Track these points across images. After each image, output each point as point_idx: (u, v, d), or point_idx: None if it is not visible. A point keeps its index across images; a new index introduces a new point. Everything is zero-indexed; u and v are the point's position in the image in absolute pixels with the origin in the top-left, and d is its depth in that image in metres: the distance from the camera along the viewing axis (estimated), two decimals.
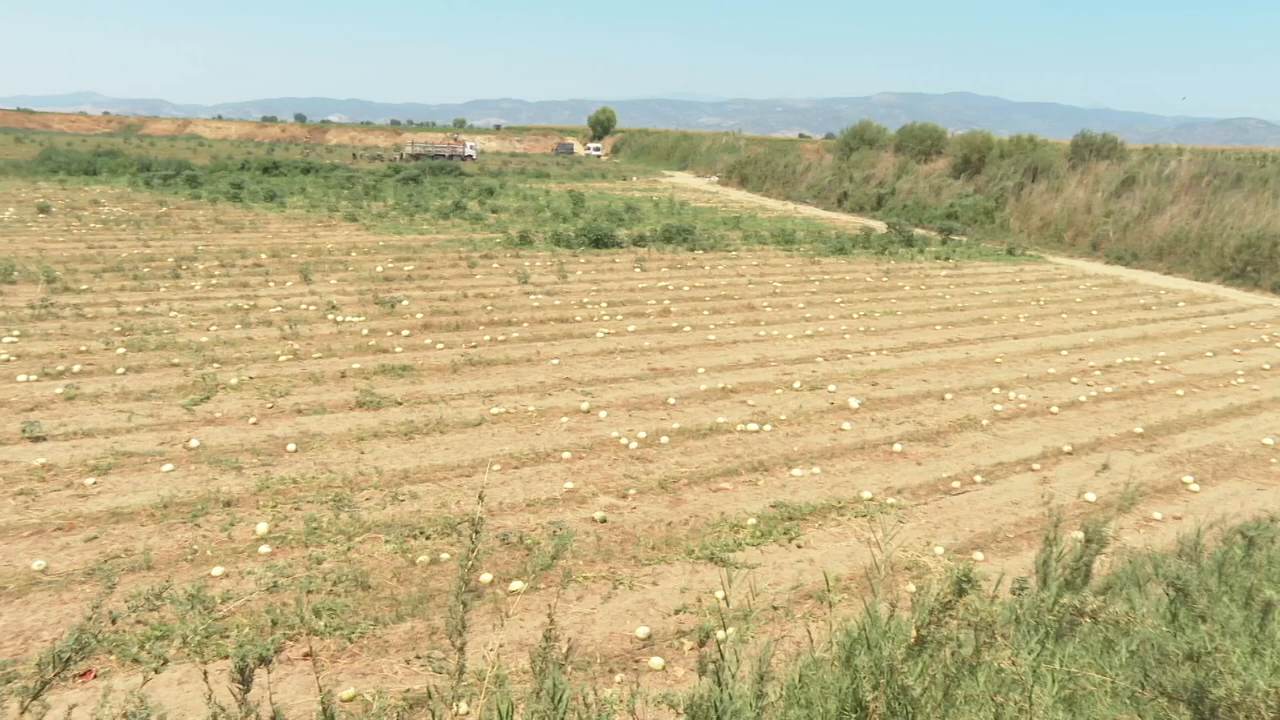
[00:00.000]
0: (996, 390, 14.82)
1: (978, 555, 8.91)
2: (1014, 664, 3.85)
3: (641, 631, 7.21)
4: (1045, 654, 4.60)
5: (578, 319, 18.56)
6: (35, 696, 2.70)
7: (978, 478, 11.00)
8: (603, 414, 12.60)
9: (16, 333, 15.50)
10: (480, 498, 3.90)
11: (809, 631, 6.88)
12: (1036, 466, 11.50)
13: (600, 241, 29.50)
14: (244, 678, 2.85)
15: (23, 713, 2.84)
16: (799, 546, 8.95)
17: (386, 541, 8.56)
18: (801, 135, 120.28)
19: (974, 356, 17.22)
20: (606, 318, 18.85)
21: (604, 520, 9.26)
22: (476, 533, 3.33)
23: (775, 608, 7.71)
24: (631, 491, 10.05)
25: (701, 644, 7.09)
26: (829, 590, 7.98)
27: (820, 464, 11.19)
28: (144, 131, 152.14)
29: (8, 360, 13.89)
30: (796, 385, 14.42)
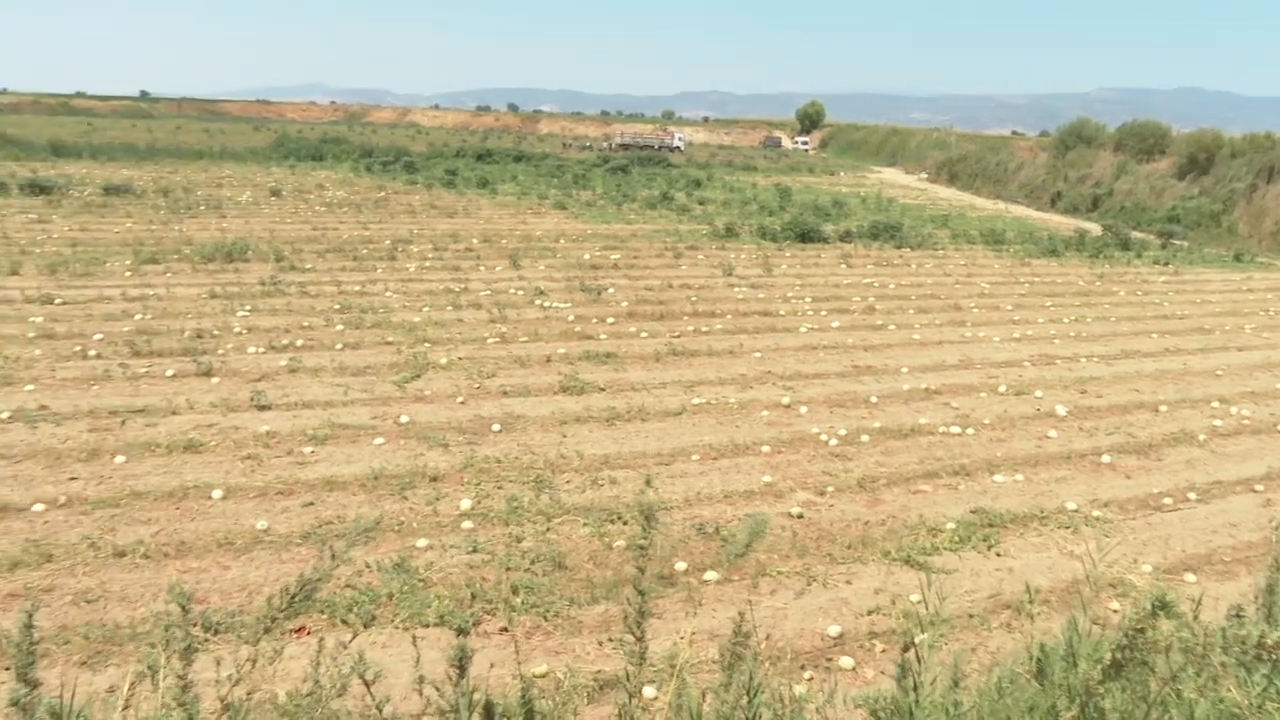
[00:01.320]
0: (1216, 404, 13.81)
1: (1189, 577, 8.29)
2: (1237, 695, 3.49)
3: (833, 630, 7.01)
4: (1272, 690, 4.17)
5: (781, 313, 18.34)
6: (266, 630, 2.75)
7: (1192, 495, 10.25)
8: (803, 409, 12.38)
9: (249, 308, 16.46)
10: (647, 483, 3.83)
11: (1006, 642, 6.54)
12: (1259, 488, 10.63)
13: (806, 236, 29.13)
14: (460, 664, 2.83)
15: (251, 660, 2.92)
16: (998, 554, 8.55)
17: (584, 525, 8.62)
18: (1014, 132, 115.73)
19: (1192, 368, 16.13)
20: (810, 313, 18.57)
21: (800, 516, 9.06)
22: (648, 520, 3.22)
23: (971, 616, 7.37)
24: (829, 489, 9.82)
25: (903, 649, 6.84)
26: (1029, 602, 7.57)
27: (1023, 471, 10.67)
28: (366, 120, 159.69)
29: (240, 333, 14.75)
30: (1002, 389, 13.83)
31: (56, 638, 6.45)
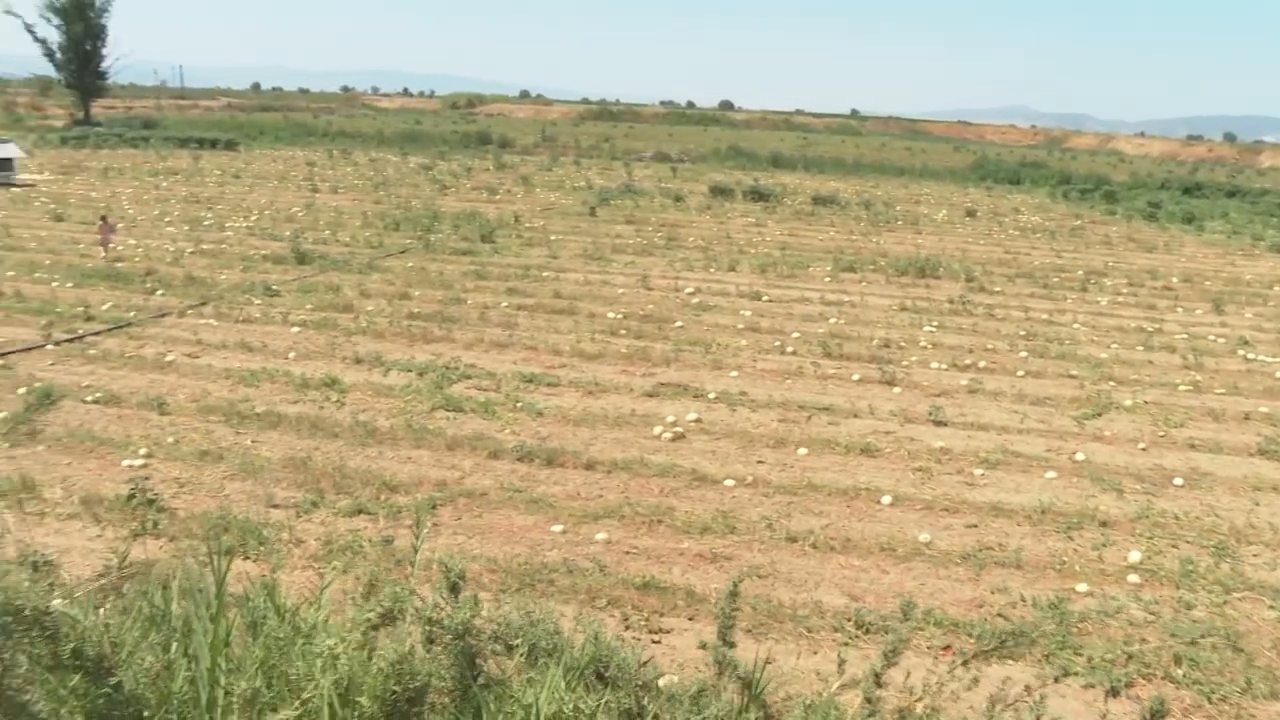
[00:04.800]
0: None
1: None
2: None
3: None
4: None
5: None
6: (964, 662, 2.92)
7: None
8: None
9: (935, 324, 16.95)
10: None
11: None
12: None
13: None
14: None
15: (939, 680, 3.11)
16: None
17: (1270, 607, 7.74)
18: None
19: None
20: None
21: None
22: None
23: None
24: None
25: None
26: None
27: None
28: (1066, 145, 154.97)
29: (925, 348, 15.25)
30: None
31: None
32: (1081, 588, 7.82)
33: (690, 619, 7.17)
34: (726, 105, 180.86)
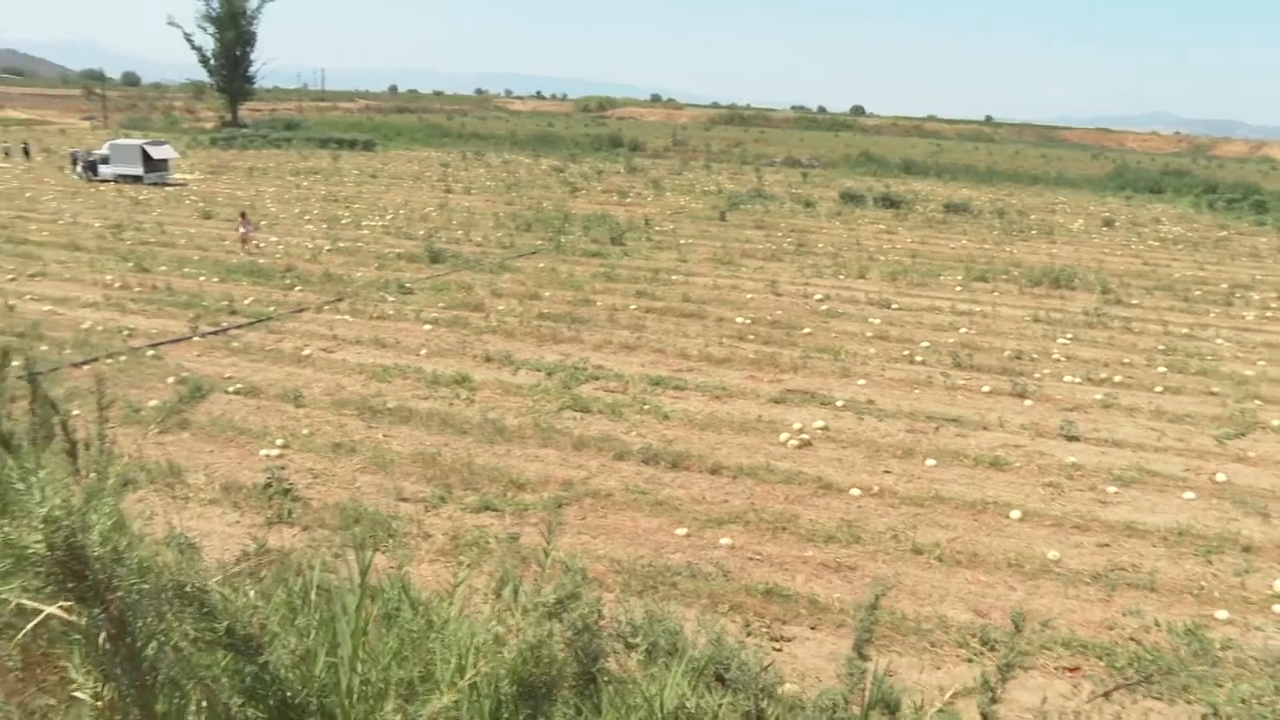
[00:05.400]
0: None
1: None
2: None
3: None
4: None
5: None
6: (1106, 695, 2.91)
7: None
8: None
9: (1069, 336, 16.53)
10: None
11: None
12: None
13: None
14: None
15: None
16: None
17: None
18: None
19: None
20: None
21: None
22: None
23: None
24: None
25: None
26: None
27: None
28: (1212, 153, 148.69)
29: (1058, 360, 14.89)
30: None
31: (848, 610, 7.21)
32: (1221, 615, 7.57)
33: (812, 628, 7.18)
34: (858, 110, 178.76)
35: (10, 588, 1.96)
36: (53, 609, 1.73)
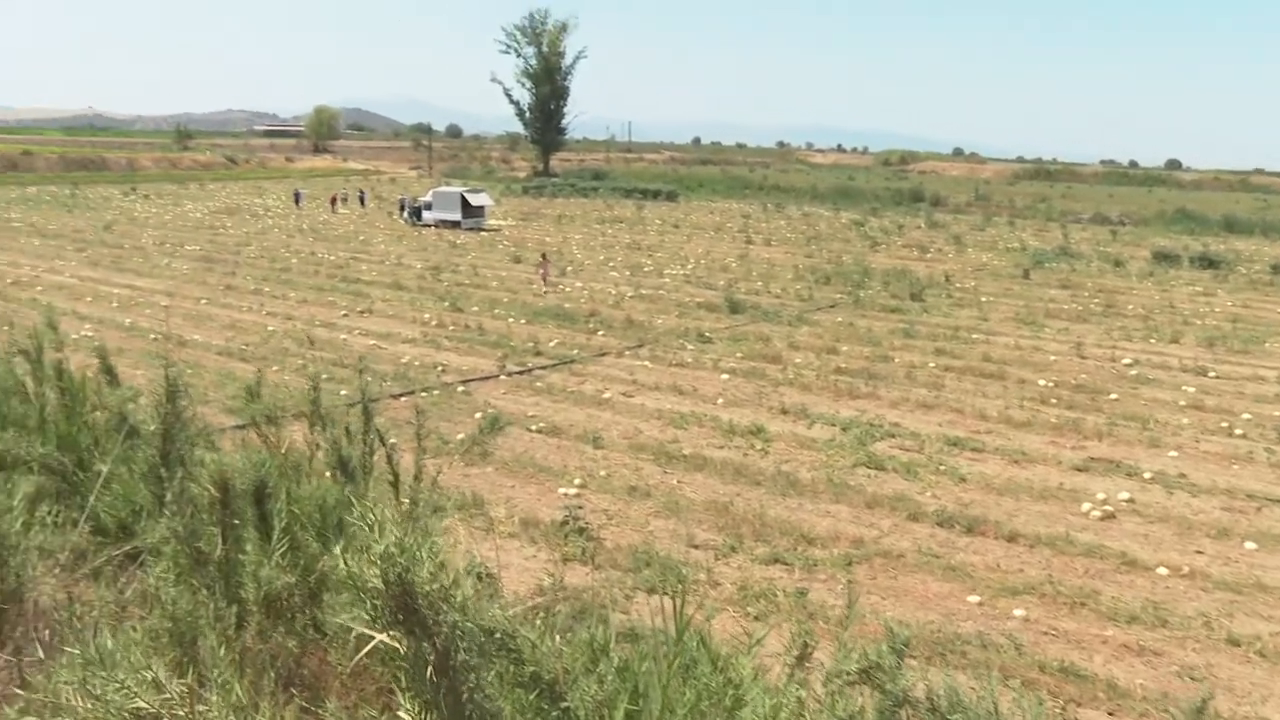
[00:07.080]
0: None
1: None
2: None
3: None
4: None
5: None
6: None
7: None
8: None
9: None
10: None
11: None
12: None
13: None
14: None
15: None
16: None
17: None
18: None
19: None
20: None
21: None
22: None
23: None
24: None
25: None
26: None
27: None
28: None
29: None
30: None
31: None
32: None
33: (1110, 714, 6.70)
34: (1173, 164, 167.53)
35: (350, 616, 2.13)
36: (383, 637, 1.87)
